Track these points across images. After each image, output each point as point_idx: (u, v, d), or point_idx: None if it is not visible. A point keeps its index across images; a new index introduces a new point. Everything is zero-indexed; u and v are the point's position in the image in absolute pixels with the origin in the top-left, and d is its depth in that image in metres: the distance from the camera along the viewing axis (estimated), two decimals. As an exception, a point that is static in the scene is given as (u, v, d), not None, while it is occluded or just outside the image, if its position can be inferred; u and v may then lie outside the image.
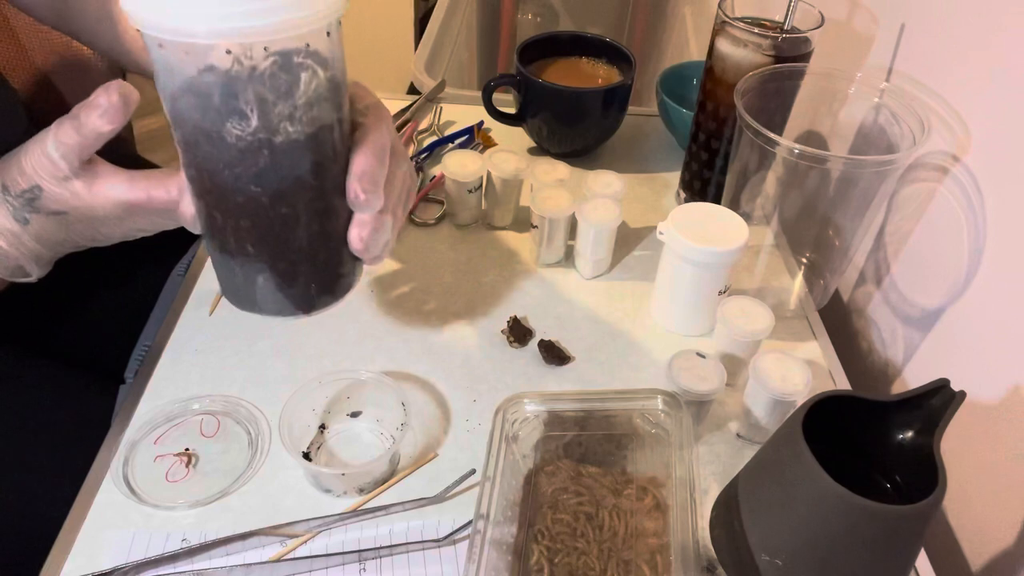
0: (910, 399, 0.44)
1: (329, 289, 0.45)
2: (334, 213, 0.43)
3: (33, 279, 0.51)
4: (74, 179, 0.45)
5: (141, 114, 0.49)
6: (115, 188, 0.45)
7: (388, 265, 0.73)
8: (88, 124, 0.43)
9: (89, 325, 0.75)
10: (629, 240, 0.77)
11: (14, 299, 0.71)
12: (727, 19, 0.68)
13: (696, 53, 1.25)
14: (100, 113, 0.42)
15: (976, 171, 0.61)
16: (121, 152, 0.90)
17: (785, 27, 0.69)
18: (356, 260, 0.46)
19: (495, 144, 0.88)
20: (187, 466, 0.57)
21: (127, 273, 0.77)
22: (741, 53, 0.69)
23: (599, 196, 0.72)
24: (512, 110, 0.85)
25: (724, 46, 0.70)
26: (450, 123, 0.91)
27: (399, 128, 0.89)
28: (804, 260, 0.72)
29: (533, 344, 0.67)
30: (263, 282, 0.43)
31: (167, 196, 0.45)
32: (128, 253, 0.78)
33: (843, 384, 0.66)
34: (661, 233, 0.65)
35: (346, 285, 0.46)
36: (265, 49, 0.35)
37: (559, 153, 0.86)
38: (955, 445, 0.61)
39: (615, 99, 0.82)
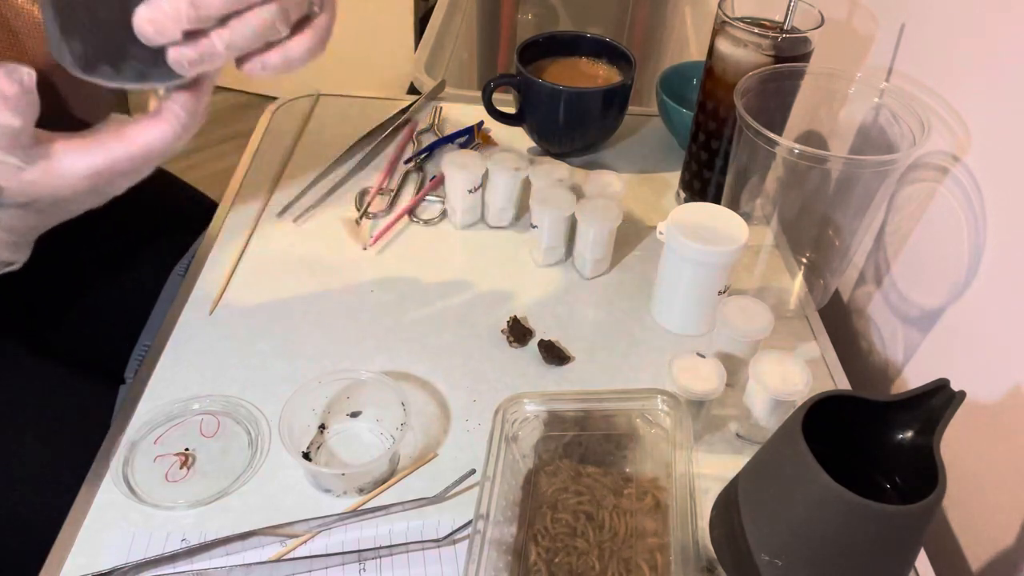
0: (910, 399, 0.44)
1: (108, 58, 0.41)
2: None
3: (17, 266, 0.49)
4: (29, 168, 0.42)
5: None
6: (74, 164, 0.42)
7: (388, 264, 0.73)
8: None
9: (89, 325, 0.75)
10: (629, 240, 0.77)
11: (14, 299, 0.71)
12: (727, 19, 0.68)
13: (696, 53, 1.25)
14: (10, 108, 0.39)
15: (976, 171, 0.61)
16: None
17: (785, 27, 0.68)
18: (158, 53, 0.41)
19: (495, 144, 0.88)
20: (187, 466, 0.57)
21: (127, 273, 0.77)
22: (741, 53, 0.69)
23: (599, 196, 0.72)
24: (512, 110, 0.85)
25: (724, 46, 0.70)
26: (450, 123, 0.91)
27: (398, 128, 0.89)
28: (804, 260, 0.72)
29: (533, 344, 0.67)
30: (49, 19, 0.40)
31: (128, 152, 0.43)
32: (128, 253, 0.78)
33: (843, 384, 0.66)
34: (661, 233, 0.65)
35: (135, 70, 0.41)
36: None
37: (559, 153, 0.86)
38: (955, 445, 0.61)
39: (615, 99, 0.82)
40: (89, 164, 0.43)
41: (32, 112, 0.41)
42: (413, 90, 1.03)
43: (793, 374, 0.56)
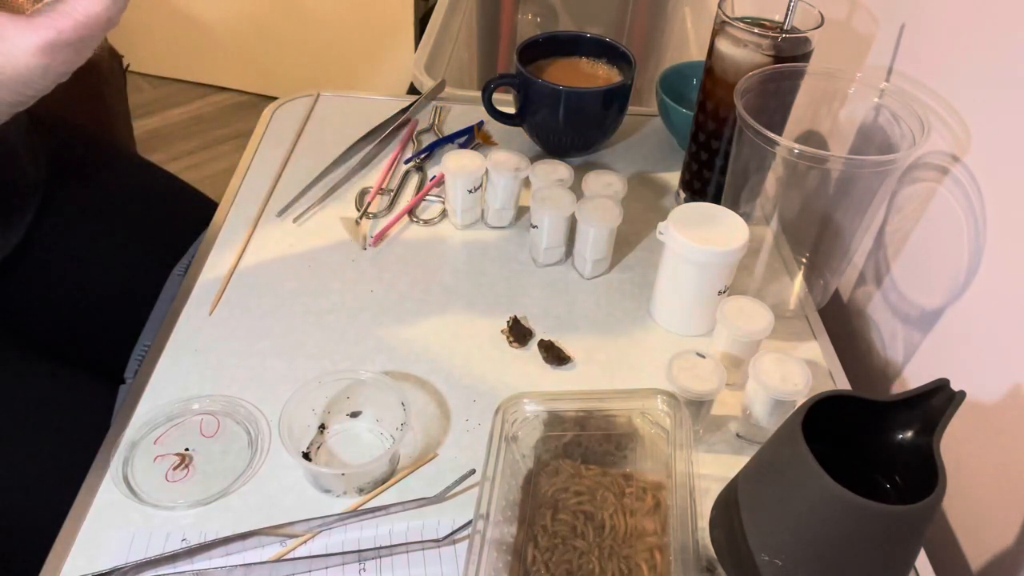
0: (910, 399, 0.44)
1: None
2: None
3: None
4: None
5: (141, 114, 0.47)
6: (24, 37, 0.43)
7: (388, 264, 0.73)
8: None
9: (89, 325, 0.75)
10: (629, 240, 0.77)
11: (14, 299, 0.71)
12: (727, 19, 0.68)
13: (696, 53, 1.25)
14: None
15: (976, 171, 0.61)
16: (121, 152, 0.90)
17: (785, 27, 0.68)
18: None
19: (495, 144, 0.88)
20: (187, 466, 0.57)
21: (127, 273, 0.77)
22: (741, 53, 0.69)
23: (599, 196, 0.72)
24: (512, 110, 0.85)
25: (724, 46, 0.70)
26: (450, 123, 0.91)
27: (399, 128, 0.89)
28: (804, 260, 0.72)
29: (533, 344, 0.67)
30: None
31: (73, 22, 0.43)
32: (128, 253, 0.78)
33: (843, 384, 0.66)
34: (661, 233, 0.65)
35: None
36: None
37: (559, 153, 0.86)
38: (955, 445, 0.61)
39: (615, 99, 0.82)
40: (39, 38, 0.43)
41: None
42: (413, 90, 1.03)
43: (793, 374, 0.57)
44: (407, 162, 0.84)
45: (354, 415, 0.60)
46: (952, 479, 0.42)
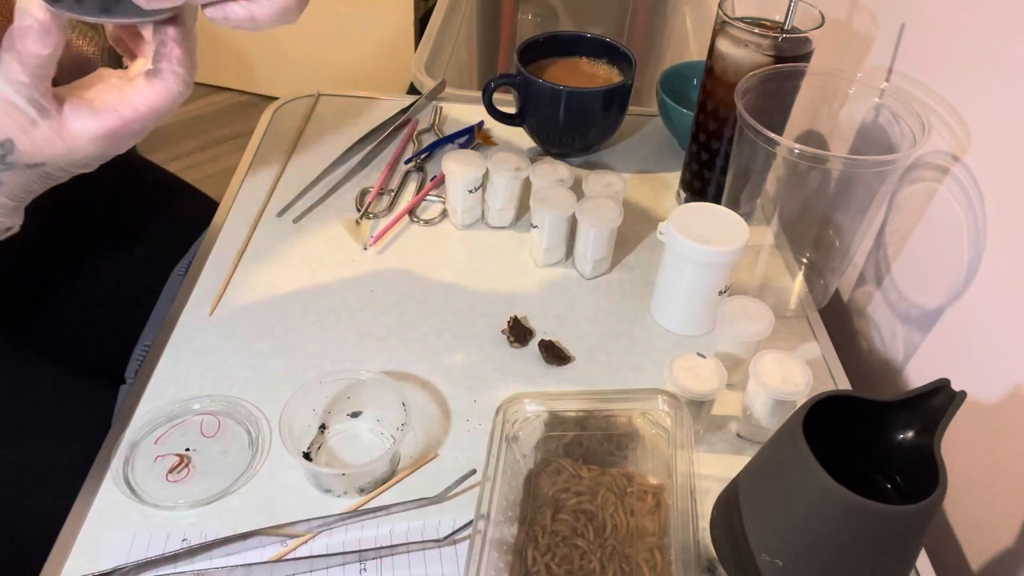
0: (910, 399, 0.44)
1: None
2: None
3: (15, 231, 0.48)
4: (41, 123, 0.41)
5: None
6: (86, 123, 0.42)
7: (388, 264, 0.73)
8: (26, 51, 0.39)
9: (89, 325, 0.75)
10: (629, 240, 0.77)
11: (14, 300, 0.71)
12: (727, 19, 0.68)
13: (696, 53, 1.25)
14: (34, 37, 0.38)
15: (976, 171, 0.61)
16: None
17: (785, 27, 0.69)
18: None
19: (495, 144, 0.88)
20: (187, 466, 0.57)
21: (127, 273, 0.77)
22: (741, 53, 0.69)
23: (599, 196, 0.72)
24: (512, 110, 0.85)
25: (724, 46, 0.70)
26: (450, 123, 0.91)
27: (399, 128, 0.89)
28: (804, 260, 0.72)
29: (533, 344, 0.67)
30: None
31: (137, 114, 0.43)
32: (129, 253, 0.78)
33: (843, 384, 0.66)
34: (661, 233, 0.65)
35: (98, 2, 0.41)
36: None
37: (559, 153, 0.86)
38: (955, 445, 0.61)
39: (615, 99, 0.82)
40: (101, 127, 0.42)
41: (57, 49, 0.39)
42: (413, 90, 1.03)
43: (793, 374, 0.57)
44: (407, 162, 0.84)
45: (354, 415, 0.60)
46: (952, 479, 0.42)
